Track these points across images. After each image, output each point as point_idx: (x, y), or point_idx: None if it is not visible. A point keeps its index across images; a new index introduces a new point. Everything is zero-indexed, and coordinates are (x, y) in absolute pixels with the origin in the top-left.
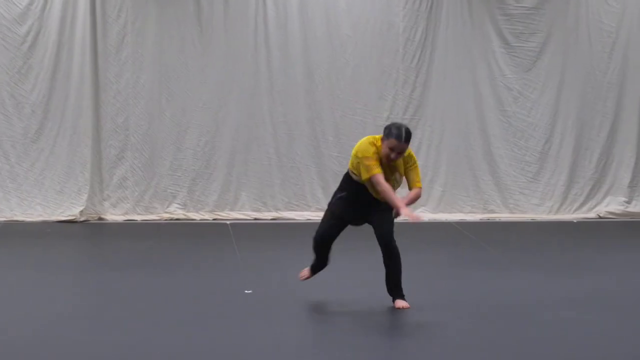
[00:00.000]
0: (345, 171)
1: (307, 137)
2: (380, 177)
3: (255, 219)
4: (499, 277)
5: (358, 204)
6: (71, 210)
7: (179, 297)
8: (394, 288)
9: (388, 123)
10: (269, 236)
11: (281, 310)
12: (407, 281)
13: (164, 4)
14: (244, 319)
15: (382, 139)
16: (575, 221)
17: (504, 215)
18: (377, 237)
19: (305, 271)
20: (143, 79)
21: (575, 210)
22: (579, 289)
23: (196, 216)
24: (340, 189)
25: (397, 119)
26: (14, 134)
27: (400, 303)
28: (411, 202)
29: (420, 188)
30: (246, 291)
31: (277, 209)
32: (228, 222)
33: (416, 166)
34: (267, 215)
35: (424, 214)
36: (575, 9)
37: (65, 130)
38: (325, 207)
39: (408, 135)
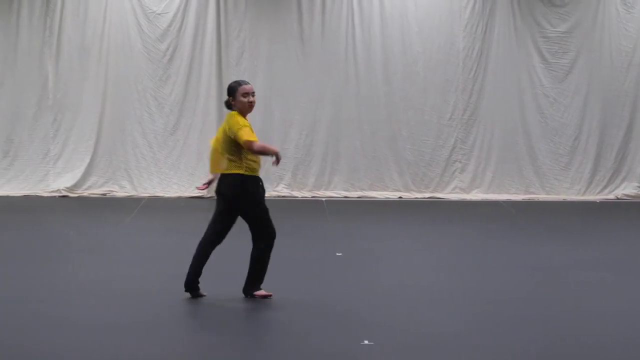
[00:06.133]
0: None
1: (385, 132)
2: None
3: (345, 197)
4: (534, 244)
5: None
6: None
7: (285, 257)
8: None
9: (450, 122)
10: (355, 211)
11: (363, 268)
12: (459, 248)
13: (274, 25)
14: (336, 274)
15: (234, 100)
16: (598, 201)
17: (542, 196)
18: (270, 232)
19: (262, 292)
20: (257, 86)
21: (598, 192)
22: (599, 254)
23: (298, 194)
24: (251, 194)
25: (457, 119)
26: (156, 128)
27: (262, 292)
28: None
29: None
30: (337, 254)
31: (362, 189)
32: (323, 199)
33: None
34: (354, 194)
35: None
36: (600, 33)
37: (196, 125)
38: (400, 189)
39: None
